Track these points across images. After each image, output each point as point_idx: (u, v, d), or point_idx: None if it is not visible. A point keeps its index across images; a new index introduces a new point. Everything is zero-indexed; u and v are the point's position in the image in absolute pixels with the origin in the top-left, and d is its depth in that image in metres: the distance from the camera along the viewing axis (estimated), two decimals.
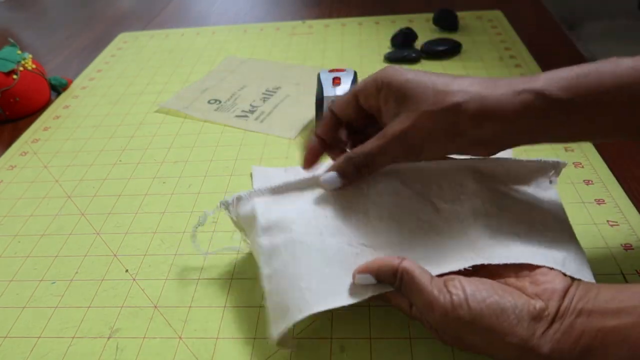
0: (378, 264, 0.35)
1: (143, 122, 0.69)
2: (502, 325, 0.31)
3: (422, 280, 0.33)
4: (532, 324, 0.31)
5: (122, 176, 0.59)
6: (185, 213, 0.52)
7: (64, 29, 1.03)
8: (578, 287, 0.32)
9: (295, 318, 0.34)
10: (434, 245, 0.37)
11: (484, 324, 0.31)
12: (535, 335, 0.31)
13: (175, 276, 0.46)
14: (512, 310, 0.31)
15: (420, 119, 0.36)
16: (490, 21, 0.85)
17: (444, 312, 0.32)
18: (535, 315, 0.31)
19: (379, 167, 0.39)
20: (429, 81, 0.37)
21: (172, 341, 0.40)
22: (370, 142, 0.38)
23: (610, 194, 0.49)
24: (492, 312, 0.31)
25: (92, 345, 0.41)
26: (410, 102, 0.37)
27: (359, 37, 0.85)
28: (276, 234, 0.39)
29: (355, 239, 0.38)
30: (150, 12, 1.06)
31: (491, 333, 0.31)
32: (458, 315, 0.31)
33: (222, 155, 0.61)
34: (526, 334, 0.31)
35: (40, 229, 0.53)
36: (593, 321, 0.30)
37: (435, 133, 0.36)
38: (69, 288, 0.46)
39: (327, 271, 0.36)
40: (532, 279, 0.34)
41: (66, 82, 0.79)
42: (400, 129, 0.37)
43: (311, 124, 0.64)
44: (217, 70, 0.79)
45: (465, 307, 0.31)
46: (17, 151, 0.66)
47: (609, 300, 0.31)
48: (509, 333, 0.31)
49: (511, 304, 0.31)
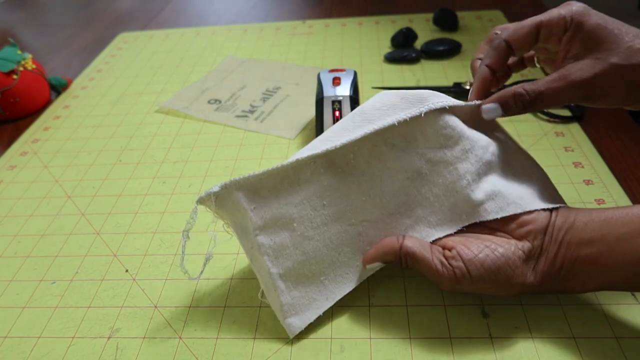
0: (382, 251, 0.39)
1: (143, 122, 0.69)
2: (501, 279, 0.36)
3: (424, 257, 0.37)
4: (524, 267, 0.36)
5: (122, 176, 0.59)
6: (185, 213, 0.52)
7: (64, 29, 1.03)
8: (557, 217, 0.37)
9: (325, 307, 0.40)
10: (429, 205, 0.40)
11: (485, 283, 0.36)
12: (528, 274, 0.36)
13: (175, 276, 0.46)
14: (507, 264, 0.36)
15: (609, 71, 0.36)
16: (490, 21, 0.85)
17: (449, 282, 0.36)
18: (524, 258, 0.36)
19: (546, 107, 0.39)
20: (621, 32, 0.36)
21: (172, 341, 0.40)
22: (546, 82, 0.37)
23: (610, 194, 0.49)
24: (490, 272, 0.36)
25: (92, 345, 0.41)
26: (600, 49, 0.36)
27: (359, 37, 0.85)
28: (278, 233, 0.39)
29: (355, 217, 0.40)
30: (150, 12, 1.06)
31: (493, 286, 0.36)
32: (462, 282, 0.36)
33: (222, 155, 0.61)
34: (521, 277, 0.36)
35: (40, 229, 0.53)
36: (570, 251, 0.35)
37: (619, 87, 0.36)
38: (69, 288, 0.46)
39: (339, 258, 0.40)
40: (517, 221, 0.38)
41: (66, 82, 0.79)
42: (585, 77, 0.36)
43: (311, 124, 0.64)
44: (217, 70, 0.79)
45: (467, 276, 0.36)
46: (17, 151, 0.66)
47: (582, 229, 0.35)
48: (507, 283, 0.36)
49: (505, 259, 0.36)
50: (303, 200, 0.40)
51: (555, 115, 0.60)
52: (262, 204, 0.39)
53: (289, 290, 0.39)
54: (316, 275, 0.40)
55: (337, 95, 0.57)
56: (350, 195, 0.40)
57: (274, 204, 0.39)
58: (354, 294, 0.41)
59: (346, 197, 0.40)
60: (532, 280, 0.36)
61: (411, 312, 0.40)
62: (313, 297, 0.40)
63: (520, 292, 0.37)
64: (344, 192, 0.40)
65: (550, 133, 0.58)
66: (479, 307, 0.40)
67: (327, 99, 0.58)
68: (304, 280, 0.39)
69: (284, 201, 0.39)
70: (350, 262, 0.40)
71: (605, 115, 0.60)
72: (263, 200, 0.39)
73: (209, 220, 0.51)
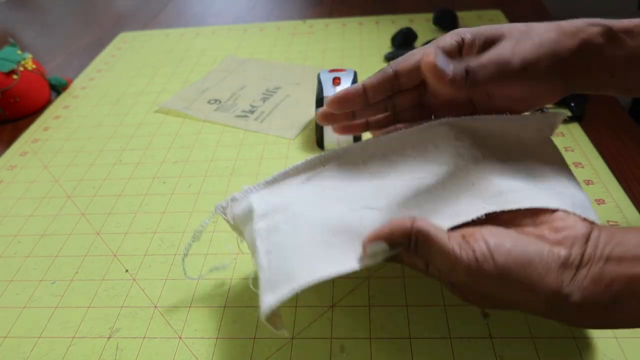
0: (389, 229, 0.32)
1: (143, 122, 0.69)
2: (531, 277, 0.29)
3: (440, 238, 0.31)
4: (560, 273, 0.30)
5: (122, 176, 0.59)
6: (185, 213, 0.52)
7: (64, 29, 1.03)
8: (601, 232, 0.31)
9: (303, 282, 0.32)
10: (441, 199, 0.35)
11: (511, 278, 0.30)
12: (564, 284, 0.29)
13: (175, 276, 0.46)
14: (539, 260, 0.30)
15: (519, 45, 0.36)
16: (491, 21, 0.85)
17: (467, 270, 0.30)
18: (560, 263, 0.30)
19: (472, 84, 0.36)
20: (510, 26, 0.38)
21: (172, 341, 0.40)
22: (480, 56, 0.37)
23: (610, 194, 0.49)
24: (519, 264, 0.30)
25: (92, 345, 0.41)
26: (503, 38, 0.37)
27: (359, 37, 0.85)
28: (274, 216, 0.37)
29: (357, 202, 0.37)
30: (150, 12, 1.06)
31: (519, 286, 0.30)
32: (483, 271, 0.30)
33: (222, 155, 0.61)
34: (555, 284, 0.29)
35: (40, 229, 0.53)
36: (624, 268, 0.29)
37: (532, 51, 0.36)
38: (69, 288, 0.46)
39: (334, 239, 0.35)
40: (551, 225, 0.32)
41: (66, 82, 0.79)
42: (505, 51, 0.36)
43: (311, 124, 0.64)
44: (217, 70, 0.79)
45: (490, 261, 0.30)
46: (17, 151, 0.66)
47: (637, 245, 0.30)
48: (538, 284, 0.29)
49: (537, 254, 0.30)
50: (303, 186, 0.39)
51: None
52: (267, 199, 0.39)
53: (270, 267, 0.34)
54: (304, 253, 0.34)
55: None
56: (356, 183, 0.38)
57: (277, 197, 0.39)
58: (353, 293, 0.41)
59: (350, 185, 0.38)
60: (569, 293, 0.30)
61: (411, 312, 0.40)
62: (293, 273, 0.33)
63: (553, 304, 0.30)
64: (348, 181, 0.39)
65: None
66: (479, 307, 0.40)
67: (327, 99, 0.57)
68: (289, 255, 0.34)
69: (286, 189, 0.39)
70: (346, 246, 0.34)
71: (605, 115, 0.60)
72: (269, 196, 0.39)
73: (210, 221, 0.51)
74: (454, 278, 0.31)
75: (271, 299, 0.32)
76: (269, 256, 0.35)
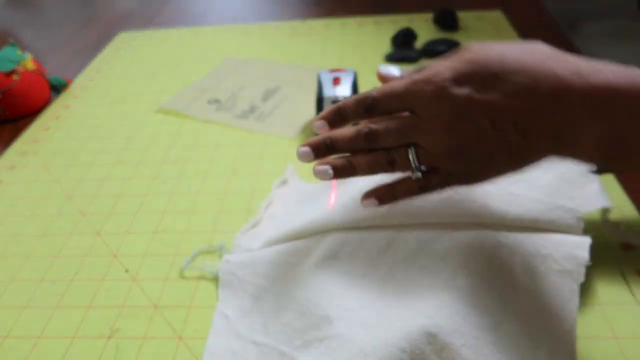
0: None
1: (143, 122, 0.69)
2: (535, 58, 0.32)
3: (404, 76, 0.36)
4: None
5: (122, 176, 0.59)
6: (185, 213, 0.52)
7: (64, 29, 1.03)
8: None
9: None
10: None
11: (514, 61, 0.32)
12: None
13: (175, 276, 0.46)
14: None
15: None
16: (491, 21, 0.85)
17: (466, 63, 0.34)
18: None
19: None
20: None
21: (172, 341, 0.40)
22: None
23: (610, 194, 0.49)
24: (519, 49, 0.33)
25: (92, 345, 0.41)
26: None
27: (359, 37, 0.85)
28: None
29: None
30: (150, 12, 1.06)
31: (526, 72, 0.32)
32: (487, 55, 0.33)
33: (222, 155, 0.61)
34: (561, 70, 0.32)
35: (40, 229, 0.53)
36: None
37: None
38: (69, 288, 0.46)
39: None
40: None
41: (66, 82, 0.79)
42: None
43: (311, 124, 0.64)
44: (217, 71, 0.79)
45: (488, 48, 0.34)
46: (17, 151, 0.66)
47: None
48: (545, 66, 0.32)
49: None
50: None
51: None
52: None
53: None
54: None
55: (337, 95, 0.57)
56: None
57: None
58: None
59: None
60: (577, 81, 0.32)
61: None
62: None
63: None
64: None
65: None
66: None
67: (327, 99, 0.58)
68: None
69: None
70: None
71: None
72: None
73: (210, 220, 0.51)
74: (449, 95, 0.34)
75: None
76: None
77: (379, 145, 0.37)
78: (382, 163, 0.37)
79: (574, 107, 0.31)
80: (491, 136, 0.34)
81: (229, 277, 0.43)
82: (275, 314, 0.40)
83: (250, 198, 0.53)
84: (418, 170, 0.37)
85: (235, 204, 0.53)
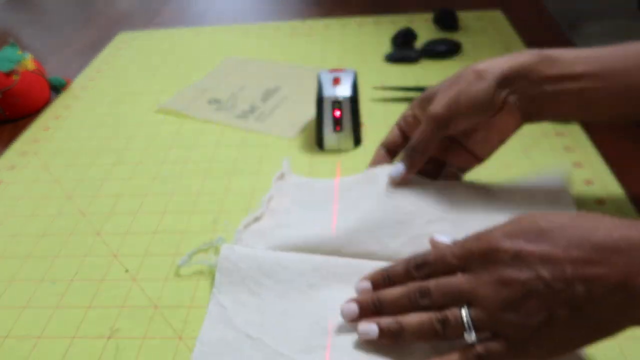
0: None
1: (143, 122, 0.69)
2: (583, 219, 0.33)
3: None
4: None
5: (122, 176, 0.59)
6: (185, 213, 0.52)
7: (64, 29, 1.03)
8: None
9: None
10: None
11: (564, 219, 0.32)
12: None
13: (175, 276, 0.46)
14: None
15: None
16: (491, 21, 0.85)
17: (514, 224, 0.34)
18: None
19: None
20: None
21: (172, 341, 0.40)
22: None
23: (610, 194, 0.49)
24: (568, 215, 0.33)
25: (92, 345, 0.41)
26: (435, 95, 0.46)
27: (359, 37, 0.85)
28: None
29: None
30: (150, 12, 1.06)
31: (576, 227, 0.32)
32: (533, 216, 0.33)
33: (222, 155, 0.61)
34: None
35: (40, 229, 0.53)
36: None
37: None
38: (69, 288, 0.46)
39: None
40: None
41: (66, 82, 0.79)
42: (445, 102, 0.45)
43: (311, 124, 0.64)
44: (217, 71, 0.79)
45: (535, 215, 0.34)
46: (17, 151, 0.66)
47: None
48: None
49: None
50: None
51: None
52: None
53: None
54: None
55: (337, 95, 0.57)
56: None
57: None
58: None
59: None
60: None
61: None
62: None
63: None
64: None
65: (550, 133, 0.58)
66: None
67: (327, 99, 0.58)
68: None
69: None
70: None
71: None
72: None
73: (210, 220, 0.51)
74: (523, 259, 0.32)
75: None
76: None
77: (430, 304, 0.35)
78: (432, 323, 0.34)
79: (636, 254, 0.29)
80: (548, 289, 0.31)
81: (228, 265, 0.43)
82: (275, 315, 0.40)
83: (250, 198, 0.53)
84: (471, 330, 0.33)
85: (235, 204, 0.53)
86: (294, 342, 0.38)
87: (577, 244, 0.31)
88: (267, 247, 0.45)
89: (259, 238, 0.46)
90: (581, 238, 0.31)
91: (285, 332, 0.39)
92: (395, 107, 0.66)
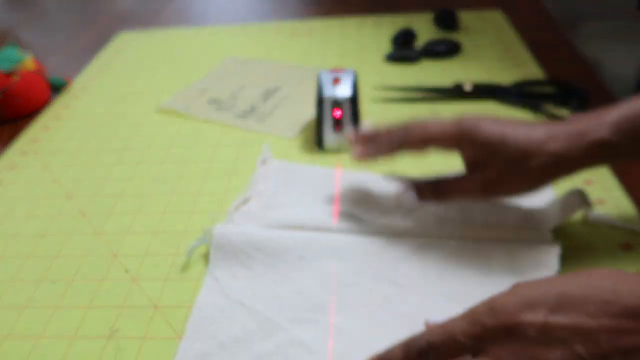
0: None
1: (143, 122, 0.69)
2: (602, 282, 0.29)
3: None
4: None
5: (122, 176, 0.59)
6: (185, 213, 0.52)
7: (64, 29, 1.03)
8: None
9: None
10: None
11: (583, 284, 0.29)
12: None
13: (175, 276, 0.46)
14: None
15: (506, 174, 0.42)
16: (491, 21, 0.85)
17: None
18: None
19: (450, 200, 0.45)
20: (510, 136, 0.41)
21: (172, 341, 0.40)
22: (460, 183, 0.44)
23: (610, 194, 0.49)
24: (585, 277, 0.29)
25: (92, 345, 0.41)
26: (495, 156, 0.41)
27: (359, 37, 0.85)
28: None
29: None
30: (150, 12, 1.06)
31: (599, 295, 0.28)
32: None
33: (222, 155, 0.61)
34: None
35: (40, 229, 0.53)
36: None
37: (516, 181, 0.42)
38: (69, 288, 0.46)
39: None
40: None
41: (66, 82, 0.79)
42: (488, 181, 0.42)
43: (311, 124, 0.64)
44: (217, 71, 0.79)
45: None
46: (17, 151, 0.66)
47: None
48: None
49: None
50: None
51: (556, 116, 0.60)
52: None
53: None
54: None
55: (337, 95, 0.57)
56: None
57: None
58: None
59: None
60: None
61: None
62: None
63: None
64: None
65: None
66: None
67: (327, 99, 0.58)
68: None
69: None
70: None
71: None
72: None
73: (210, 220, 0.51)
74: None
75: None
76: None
77: None
78: None
79: None
80: None
81: (221, 240, 0.45)
82: (267, 285, 0.42)
83: None
84: None
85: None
86: (285, 311, 0.40)
87: (604, 310, 0.27)
88: (261, 224, 0.47)
89: (249, 219, 0.49)
90: (607, 303, 0.27)
91: (276, 300, 0.41)
92: (395, 107, 0.66)
